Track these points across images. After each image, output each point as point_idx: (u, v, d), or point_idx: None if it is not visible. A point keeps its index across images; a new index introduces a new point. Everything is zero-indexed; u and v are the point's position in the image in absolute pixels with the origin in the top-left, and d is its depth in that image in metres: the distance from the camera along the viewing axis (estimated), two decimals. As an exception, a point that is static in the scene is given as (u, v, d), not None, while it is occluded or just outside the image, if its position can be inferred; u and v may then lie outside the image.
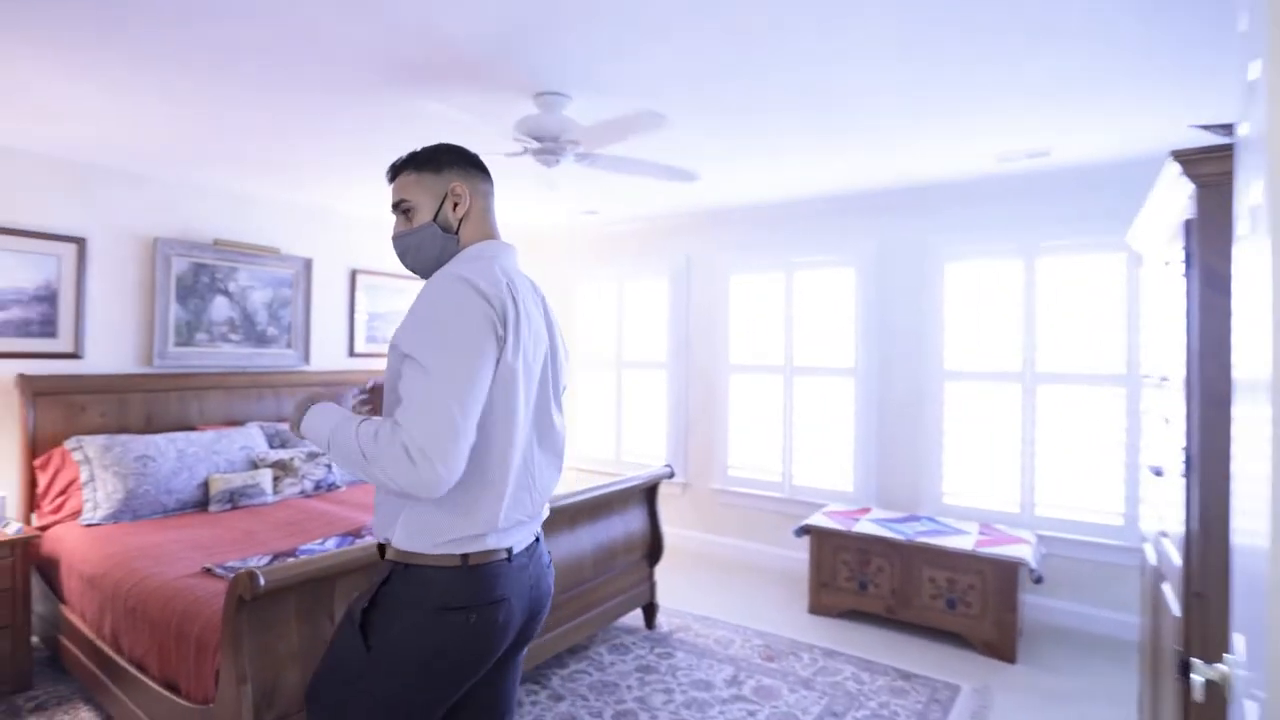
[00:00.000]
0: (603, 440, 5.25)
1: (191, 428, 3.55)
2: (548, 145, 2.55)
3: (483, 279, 1.21)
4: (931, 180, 3.69)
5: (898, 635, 3.33)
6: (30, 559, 2.74)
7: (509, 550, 1.26)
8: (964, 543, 3.23)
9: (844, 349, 4.17)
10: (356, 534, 2.78)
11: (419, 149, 1.37)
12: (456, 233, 1.34)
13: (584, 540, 2.93)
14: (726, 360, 4.62)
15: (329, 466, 3.68)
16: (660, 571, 4.17)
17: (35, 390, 3.08)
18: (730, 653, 3.13)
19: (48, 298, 3.24)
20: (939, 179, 3.66)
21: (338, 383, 4.33)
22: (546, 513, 1.41)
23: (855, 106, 2.62)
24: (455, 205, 1.34)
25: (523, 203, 4.32)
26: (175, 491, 3.14)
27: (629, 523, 3.22)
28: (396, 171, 1.37)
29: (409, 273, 1.43)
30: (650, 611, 3.38)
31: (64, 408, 3.17)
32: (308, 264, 4.24)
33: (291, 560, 2.20)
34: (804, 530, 3.60)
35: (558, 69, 2.31)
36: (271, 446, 3.69)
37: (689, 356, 4.81)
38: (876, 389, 4.04)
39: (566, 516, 2.84)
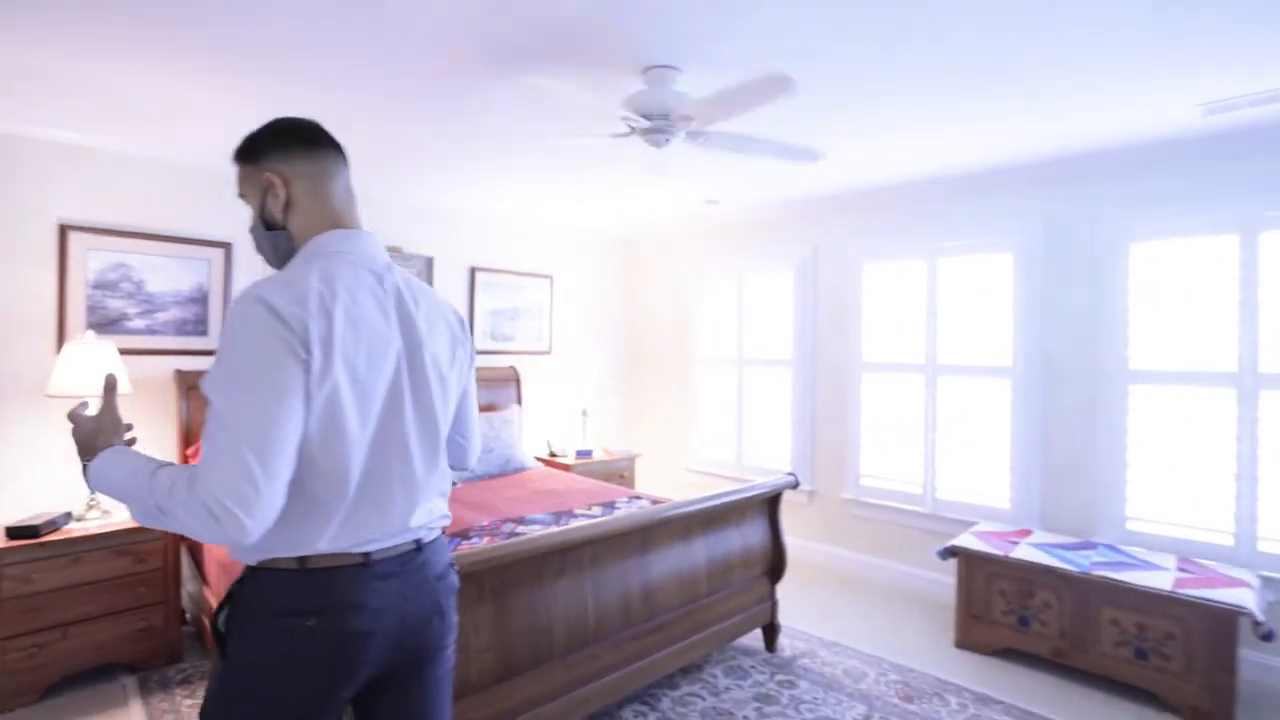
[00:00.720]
0: (723, 443, 4.99)
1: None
2: (657, 124, 2.34)
3: (284, 295, 1.06)
4: (1112, 144, 3.09)
5: (1068, 684, 2.81)
6: (179, 541, 2.93)
7: (365, 555, 1.13)
8: (1159, 580, 2.66)
9: (998, 346, 3.63)
10: (464, 535, 2.72)
11: (246, 136, 1.22)
12: (285, 227, 1.20)
13: (697, 553, 2.70)
14: (859, 357, 4.20)
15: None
16: (783, 589, 3.85)
17: (188, 385, 3.32)
18: (862, 688, 2.77)
19: (200, 299, 3.49)
20: (1121, 141, 3.05)
21: (458, 380, 4.39)
22: (438, 518, 1.26)
23: (1018, 59, 2.18)
24: (274, 197, 1.19)
25: (640, 194, 4.16)
26: (305, 483, 3.26)
27: (748, 535, 2.95)
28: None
29: (530, 269, 1.25)
30: (771, 633, 3.09)
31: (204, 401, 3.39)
32: (429, 262, 4.33)
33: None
34: (950, 552, 3.14)
35: (666, 39, 2.09)
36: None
37: (816, 354, 4.43)
38: (1040, 391, 3.48)
39: (679, 527, 2.62)
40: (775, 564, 3.08)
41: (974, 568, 3.09)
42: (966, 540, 3.18)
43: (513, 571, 2.08)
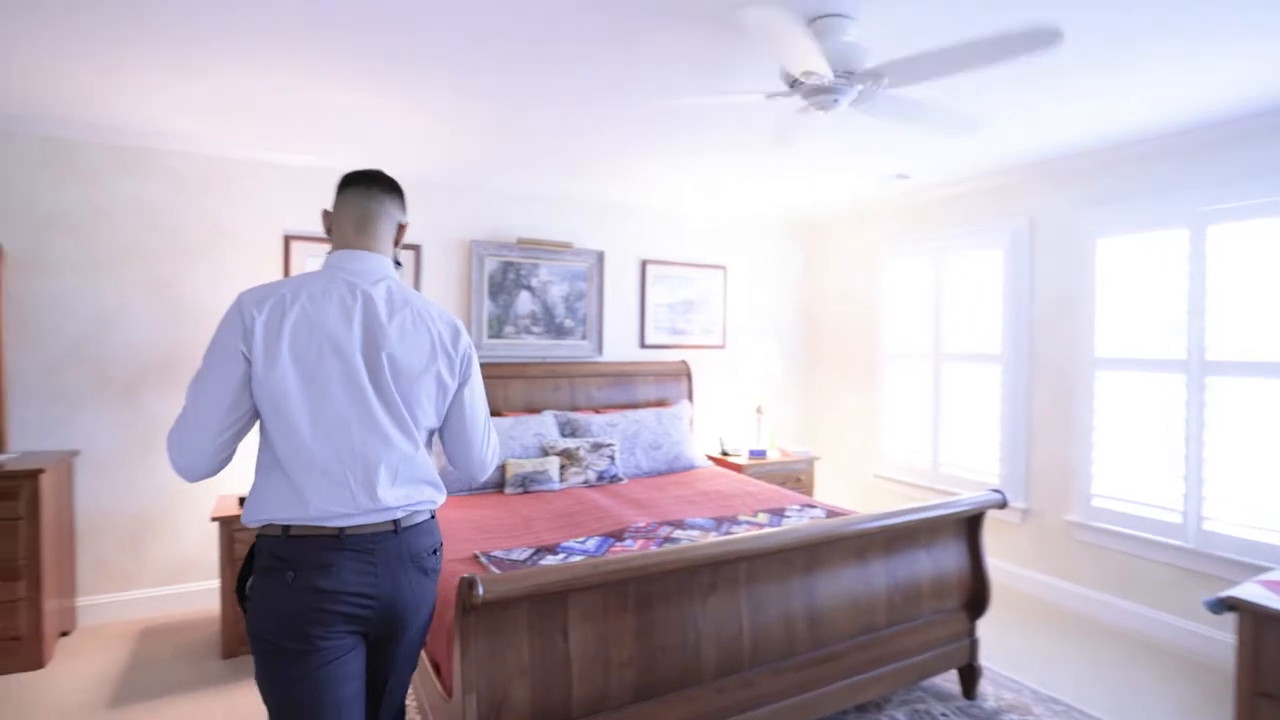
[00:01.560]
0: (916, 448, 4.43)
1: (498, 414, 3.85)
2: (830, 82, 2.03)
3: (259, 292, 1.35)
4: None
5: None
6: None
7: (338, 529, 1.34)
8: None
9: (1303, 335, 2.75)
10: (619, 535, 2.63)
11: None
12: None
13: (876, 576, 2.34)
14: (1091, 352, 3.46)
15: (611, 457, 3.67)
16: (986, 624, 3.29)
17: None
18: (1093, 763, 2.22)
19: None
20: None
21: (629, 374, 4.36)
22: (419, 503, 1.43)
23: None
24: (325, 223, 1.53)
25: (820, 174, 3.80)
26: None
27: (940, 559, 2.52)
28: None
29: (702, 260, 1.23)
30: (970, 676, 2.61)
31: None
32: (600, 257, 4.34)
33: (526, 568, 2.09)
34: (1226, 605, 2.42)
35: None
36: (564, 435, 3.82)
37: (1033, 347, 3.74)
38: (1371, 398, 2.58)
39: (853, 546, 2.29)
40: (976, 595, 2.60)
41: (1265, 631, 2.34)
42: (1252, 592, 2.42)
43: (659, 583, 1.92)
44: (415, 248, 3.83)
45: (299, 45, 2.23)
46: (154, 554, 3.34)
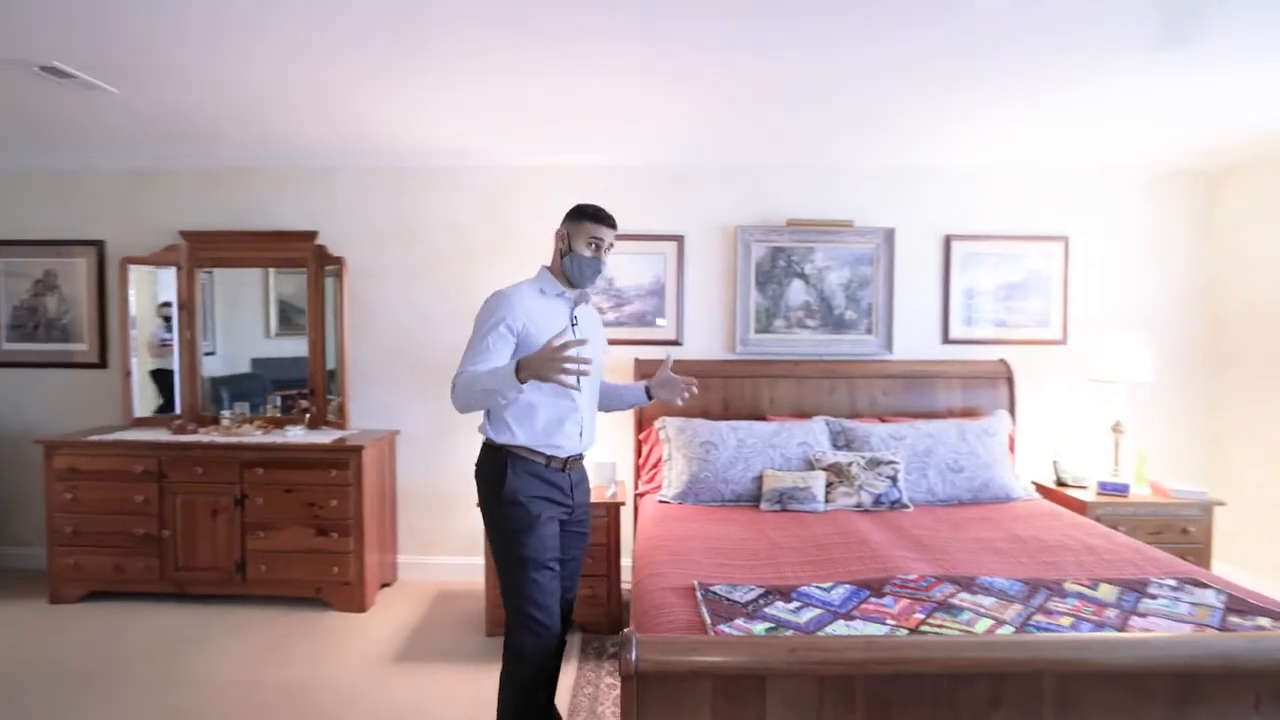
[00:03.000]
0: None
1: (762, 417, 3.46)
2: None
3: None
4: None
5: None
6: (617, 521, 3.09)
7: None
8: None
9: None
10: (878, 588, 2.03)
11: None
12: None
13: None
14: None
15: (892, 478, 3.00)
16: None
17: (642, 373, 3.50)
18: None
19: (657, 291, 3.66)
20: None
21: (926, 375, 3.58)
22: None
23: None
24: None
25: (1233, 91, 2.58)
26: (731, 482, 3.06)
27: None
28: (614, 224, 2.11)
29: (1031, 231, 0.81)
30: None
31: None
32: (888, 235, 3.63)
33: (742, 614, 1.68)
34: None
35: None
36: (835, 446, 3.26)
37: None
38: None
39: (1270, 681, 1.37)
40: None
41: None
42: None
43: (903, 684, 1.35)
44: (678, 239, 3.64)
45: (567, 39, 2.20)
46: (453, 525, 3.74)
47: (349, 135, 3.29)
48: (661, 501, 3.08)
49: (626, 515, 3.41)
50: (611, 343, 3.58)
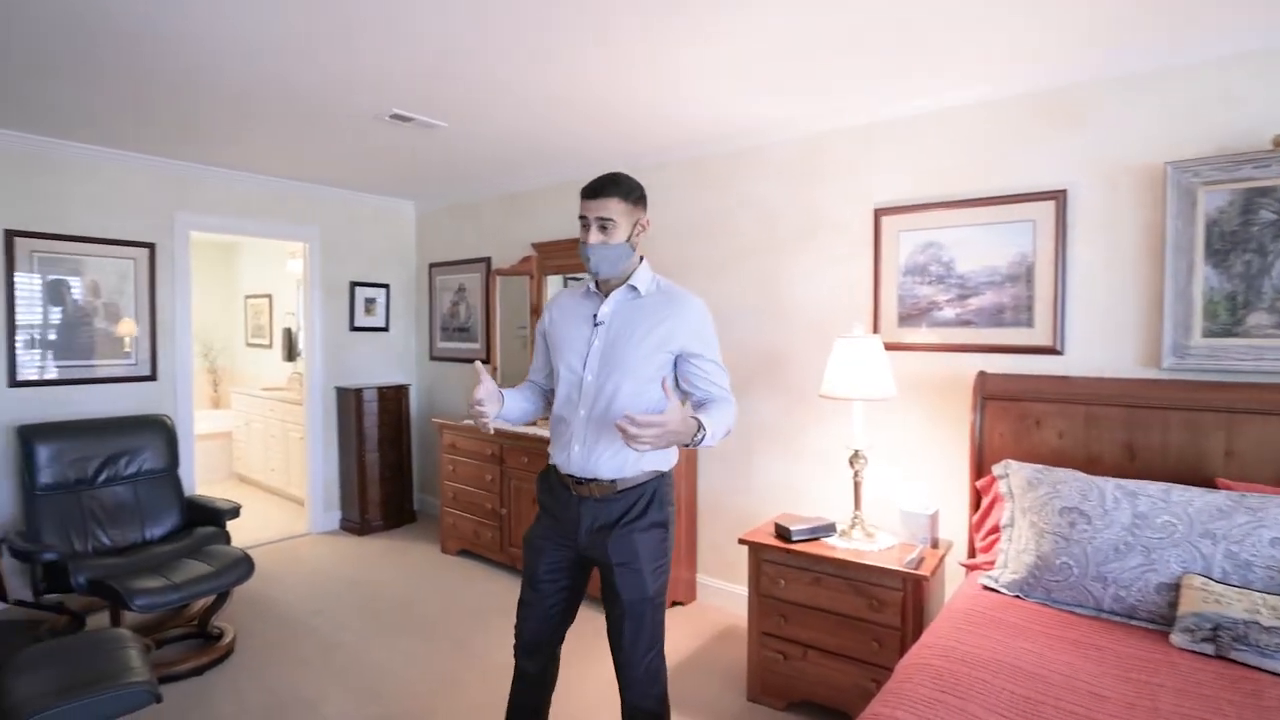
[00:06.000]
0: None
1: (1207, 481, 2.06)
2: None
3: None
4: None
5: None
6: (919, 602, 2.20)
7: None
8: None
9: None
10: None
11: (628, 180, 1.71)
12: (635, 251, 1.75)
13: None
14: None
15: None
16: None
17: (985, 392, 2.46)
18: None
19: (1020, 276, 2.53)
20: None
21: None
22: None
23: None
24: (642, 231, 1.74)
25: None
26: (1113, 582, 1.87)
27: None
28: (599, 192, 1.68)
29: None
30: None
31: (1014, 418, 2.40)
32: None
33: None
34: None
35: None
36: (1375, 553, 1.71)
37: None
38: None
39: None
40: None
41: None
42: None
43: None
44: (1055, 196, 2.43)
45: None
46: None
47: (654, 132, 3.16)
48: (988, 588, 2.08)
49: (948, 589, 2.47)
50: (947, 349, 2.66)
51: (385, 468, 4.61)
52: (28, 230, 3.38)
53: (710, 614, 3.30)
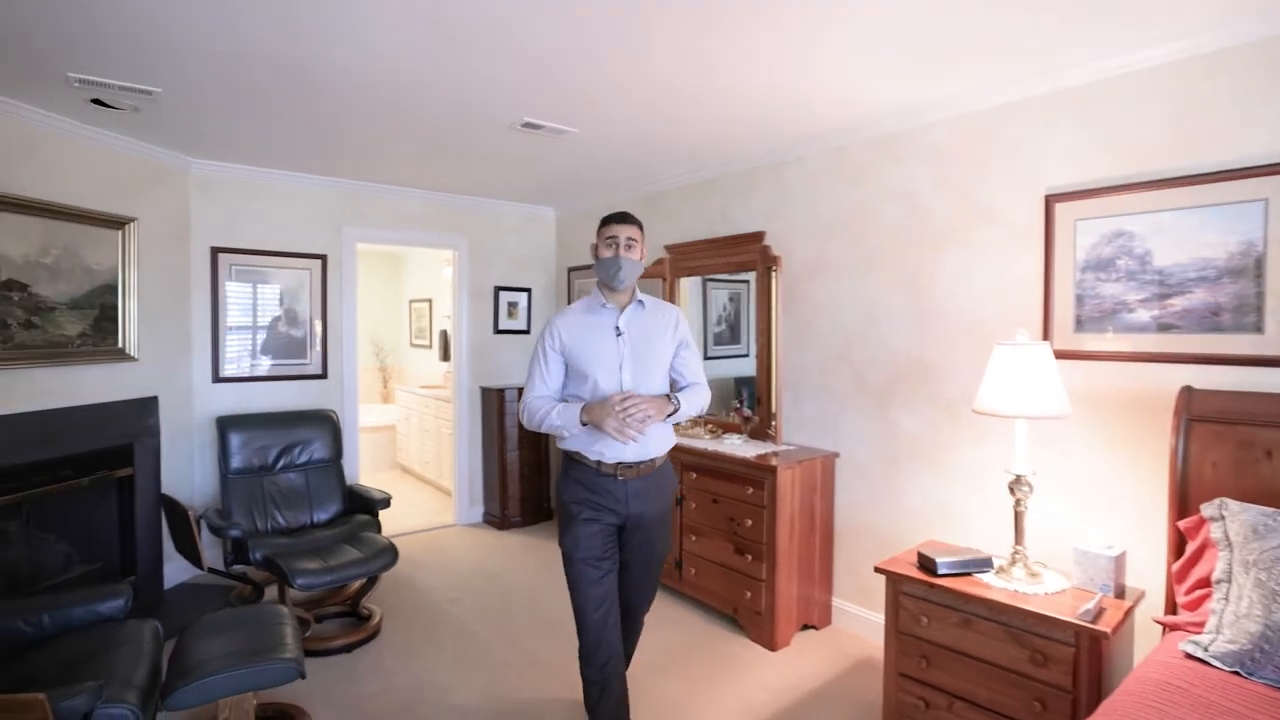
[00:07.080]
0: None
1: None
2: None
3: None
4: None
5: None
6: (1097, 662, 1.84)
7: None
8: None
9: None
10: None
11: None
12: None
13: None
14: None
15: None
16: None
17: (1191, 412, 2.02)
18: None
19: (1244, 269, 2.05)
20: None
21: None
22: None
23: None
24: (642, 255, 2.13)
25: None
26: (1380, 667, 1.44)
27: None
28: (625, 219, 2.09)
29: None
30: None
31: (1233, 446, 1.94)
32: None
33: None
34: None
35: None
36: None
37: None
38: None
39: None
40: None
41: None
42: None
43: None
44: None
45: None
46: (895, 580, 3.00)
47: (798, 120, 2.94)
48: (1192, 657, 1.69)
49: (1137, 648, 2.07)
50: (1139, 359, 2.24)
51: (524, 466, 4.78)
52: (227, 246, 3.88)
53: (845, 642, 3.05)
